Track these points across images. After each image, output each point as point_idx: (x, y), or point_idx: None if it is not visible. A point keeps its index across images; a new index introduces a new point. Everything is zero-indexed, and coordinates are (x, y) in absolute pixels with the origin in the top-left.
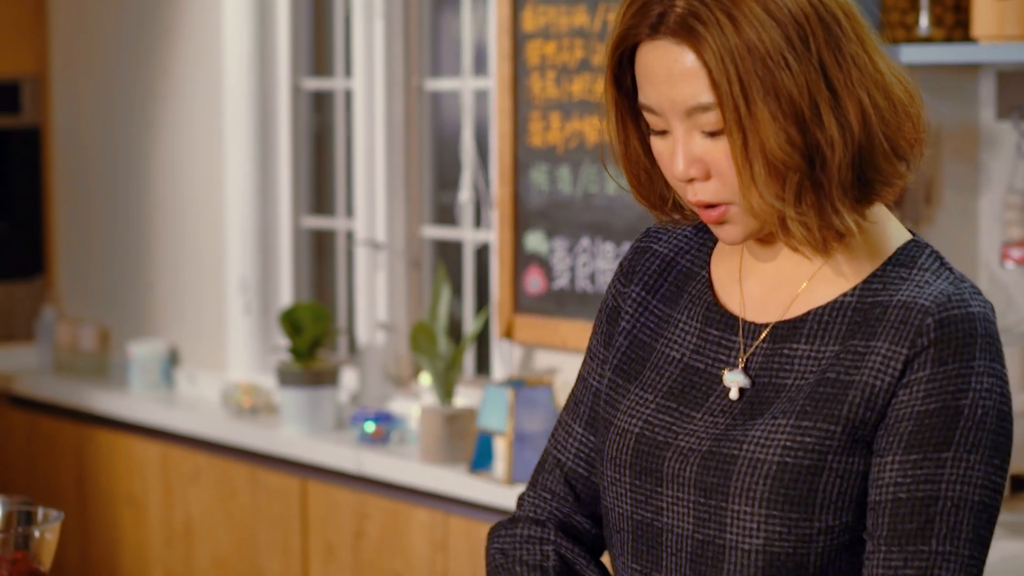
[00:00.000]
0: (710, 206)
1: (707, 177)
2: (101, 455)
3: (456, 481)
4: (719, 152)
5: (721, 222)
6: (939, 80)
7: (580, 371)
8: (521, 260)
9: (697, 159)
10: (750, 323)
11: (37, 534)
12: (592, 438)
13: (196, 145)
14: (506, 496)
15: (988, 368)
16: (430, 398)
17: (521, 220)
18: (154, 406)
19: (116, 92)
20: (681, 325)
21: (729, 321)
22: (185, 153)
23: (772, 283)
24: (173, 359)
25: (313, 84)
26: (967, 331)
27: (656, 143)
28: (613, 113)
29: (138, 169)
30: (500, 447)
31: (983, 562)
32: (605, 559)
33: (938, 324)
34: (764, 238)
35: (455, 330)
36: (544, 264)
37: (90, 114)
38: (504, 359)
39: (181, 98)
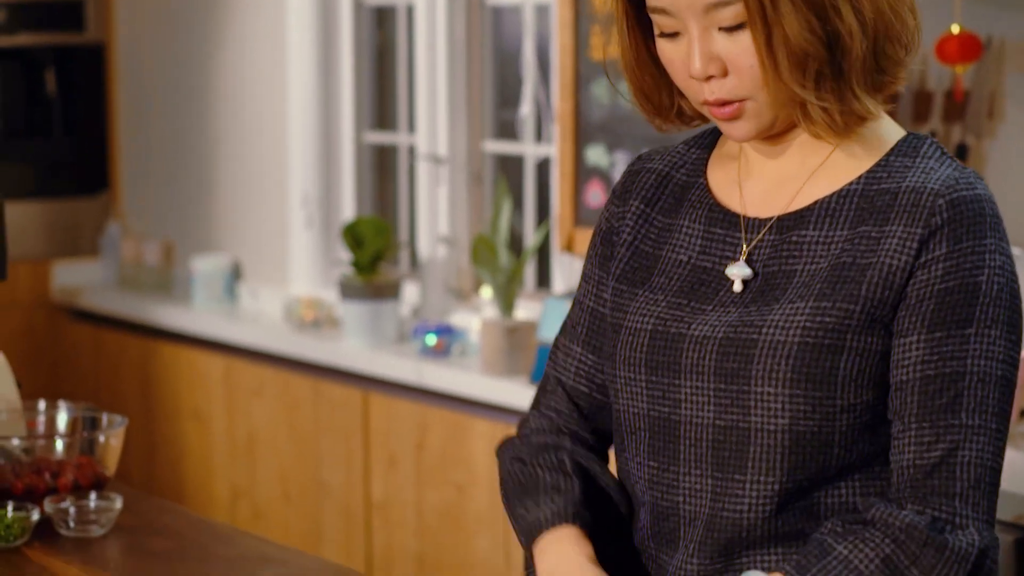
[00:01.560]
0: (725, 104)
1: (724, 74)
2: (165, 369)
3: (517, 393)
4: (738, 47)
5: (735, 119)
6: None
7: (575, 295)
8: (582, 174)
9: (714, 56)
10: (752, 219)
11: (102, 439)
12: (590, 356)
13: (259, 61)
14: None
15: (998, 247)
16: (491, 311)
17: (582, 134)
18: (217, 320)
19: (179, 8)
20: (685, 230)
21: (732, 219)
22: (248, 69)
23: (772, 182)
24: (236, 273)
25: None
26: (977, 211)
27: (666, 48)
28: (623, 17)
29: (201, 85)
30: None
31: (1007, 434)
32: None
33: (950, 204)
34: (766, 139)
35: (516, 244)
36: (605, 177)
37: (153, 31)
38: (564, 272)
39: (244, 14)
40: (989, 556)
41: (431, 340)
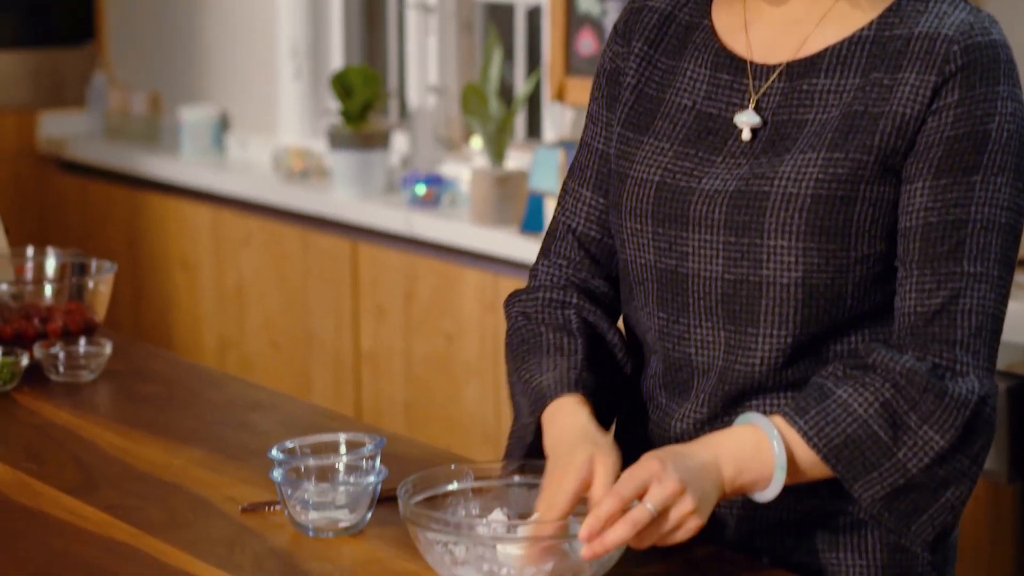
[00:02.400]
0: None
1: None
2: (153, 219)
3: (507, 242)
4: None
5: None
6: None
7: (582, 138)
8: (573, 22)
9: None
10: (760, 65)
11: (91, 285)
12: (601, 200)
13: None
14: None
15: (1011, 93)
16: (481, 160)
17: None
18: (205, 170)
19: None
20: (689, 74)
21: (739, 65)
22: None
23: (780, 27)
24: (224, 124)
25: None
26: (992, 57)
27: None
28: None
29: None
30: (551, 208)
31: (1010, 282)
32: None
33: (964, 51)
34: None
35: (506, 93)
36: (596, 26)
37: None
38: (555, 121)
39: None
40: (988, 404)
41: (420, 190)
